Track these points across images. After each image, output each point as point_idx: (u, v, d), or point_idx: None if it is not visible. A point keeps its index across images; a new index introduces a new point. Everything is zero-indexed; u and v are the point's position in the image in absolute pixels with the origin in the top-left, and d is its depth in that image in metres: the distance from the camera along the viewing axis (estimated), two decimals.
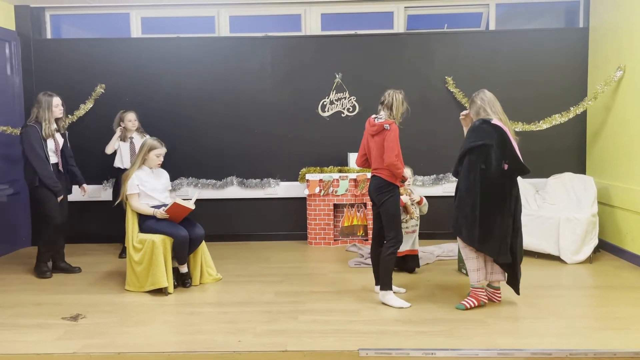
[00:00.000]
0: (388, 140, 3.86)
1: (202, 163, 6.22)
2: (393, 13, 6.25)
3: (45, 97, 4.75)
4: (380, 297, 3.99)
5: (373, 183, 4.03)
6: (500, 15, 6.25)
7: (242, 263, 5.29)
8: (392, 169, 3.88)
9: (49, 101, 4.73)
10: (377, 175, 4.00)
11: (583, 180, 5.48)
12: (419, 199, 4.77)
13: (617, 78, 5.27)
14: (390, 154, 3.84)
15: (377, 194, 3.97)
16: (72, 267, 5.02)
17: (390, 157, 3.84)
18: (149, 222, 4.42)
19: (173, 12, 6.30)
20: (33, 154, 4.66)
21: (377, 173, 3.99)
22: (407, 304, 3.91)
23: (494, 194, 3.68)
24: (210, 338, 3.41)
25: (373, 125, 3.99)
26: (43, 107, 4.72)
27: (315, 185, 5.88)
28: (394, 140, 3.87)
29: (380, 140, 3.92)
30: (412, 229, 4.73)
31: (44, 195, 4.74)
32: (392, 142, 3.86)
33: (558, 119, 5.66)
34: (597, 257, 5.25)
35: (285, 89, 6.17)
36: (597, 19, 5.80)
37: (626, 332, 3.40)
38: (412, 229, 4.74)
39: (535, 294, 4.16)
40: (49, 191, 4.74)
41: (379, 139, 3.93)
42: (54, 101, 4.77)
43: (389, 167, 3.87)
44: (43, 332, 3.56)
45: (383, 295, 3.97)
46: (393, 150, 3.84)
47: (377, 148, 3.96)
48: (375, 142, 3.97)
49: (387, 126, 3.88)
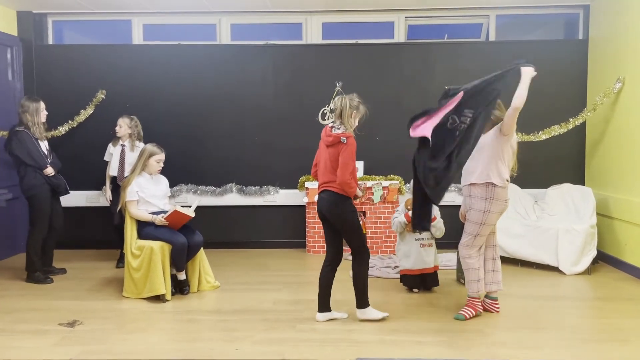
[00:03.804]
0: (344, 156, 3.51)
1: (201, 170, 6.23)
2: (394, 23, 6.28)
3: (32, 102, 4.82)
4: (360, 316, 3.78)
5: (325, 199, 3.65)
6: (500, 26, 6.29)
7: (241, 271, 5.28)
8: (344, 187, 3.54)
9: (36, 106, 4.82)
10: (329, 190, 3.63)
11: (582, 192, 5.49)
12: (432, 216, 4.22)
13: (616, 90, 5.29)
14: (345, 172, 3.50)
15: (333, 211, 3.64)
16: (57, 270, 5.10)
17: (344, 175, 3.50)
18: (148, 228, 4.42)
19: (175, 19, 6.33)
20: (31, 159, 4.71)
21: (329, 187, 3.62)
22: (385, 313, 3.81)
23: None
24: (208, 346, 3.39)
25: (329, 136, 3.60)
26: (31, 111, 4.78)
27: (315, 194, 5.86)
28: (350, 156, 3.52)
29: (334, 153, 3.56)
30: (427, 242, 4.43)
31: (40, 200, 4.78)
32: (348, 157, 3.51)
33: (557, 130, 5.67)
34: (596, 268, 5.25)
35: (286, 97, 6.19)
36: (597, 31, 5.84)
37: (625, 344, 3.39)
38: (428, 242, 4.43)
39: (533, 305, 4.16)
40: (47, 195, 4.79)
41: (334, 152, 3.57)
42: (41, 105, 4.86)
43: (342, 185, 3.53)
44: (40, 338, 3.54)
45: (362, 312, 3.77)
46: (348, 167, 3.50)
47: (330, 160, 3.59)
48: (330, 153, 3.60)
49: (343, 139, 3.52)
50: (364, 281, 3.75)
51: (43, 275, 4.86)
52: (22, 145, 4.71)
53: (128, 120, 5.35)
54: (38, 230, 4.83)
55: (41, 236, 4.85)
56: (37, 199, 4.79)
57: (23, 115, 4.79)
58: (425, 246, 4.42)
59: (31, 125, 4.78)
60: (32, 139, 4.75)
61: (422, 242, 4.41)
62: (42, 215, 4.81)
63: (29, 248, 4.85)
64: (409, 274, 4.47)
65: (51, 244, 5.04)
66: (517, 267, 5.30)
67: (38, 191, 4.77)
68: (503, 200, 3.76)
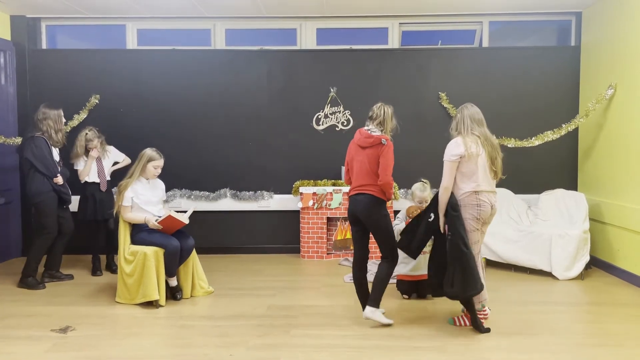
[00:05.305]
0: (386, 157, 3.64)
1: (195, 175, 6.22)
2: (388, 29, 6.31)
3: (53, 110, 4.85)
4: (369, 314, 3.77)
5: (362, 201, 3.71)
6: (493, 32, 6.33)
7: (235, 276, 5.26)
8: (387, 188, 3.65)
9: (58, 113, 4.88)
10: (366, 193, 3.70)
11: (575, 197, 5.52)
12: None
13: (609, 96, 5.33)
14: (388, 173, 3.63)
15: (369, 214, 3.69)
16: (64, 275, 5.10)
17: (388, 176, 3.62)
18: (141, 234, 4.40)
19: (169, 24, 6.33)
20: (44, 166, 4.72)
21: (366, 190, 3.70)
22: (391, 320, 3.83)
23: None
24: (202, 352, 3.38)
25: (368, 137, 3.71)
26: (54, 118, 4.83)
27: (309, 199, 5.88)
28: (392, 158, 3.67)
29: (374, 155, 3.68)
30: (427, 248, 4.26)
31: (47, 207, 4.79)
32: (390, 159, 3.66)
33: (550, 136, 5.71)
34: (589, 273, 5.28)
35: (280, 102, 6.20)
36: (589, 38, 5.89)
37: (618, 349, 3.41)
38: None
39: (527, 310, 4.17)
40: (53, 202, 4.81)
41: (372, 153, 3.68)
42: (61, 112, 4.93)
43: (384, 186, 3.64)
44: (32, 344, 3.51)
45: (373, 312, 3.77)
46: (390, 168, 3.64)
47: (369, 163, 3.69)
48: (367, 155, 3.70)
49: (384, 141, 3.65)
50: (385, 283, 3.80)
51: (36, 281, 4.83)
52: (38, 152, 4.71)
53: (93, 133, 5.20)
54: (44, 237, 4.82)
55: (46, 244, 4.85)
56: (44, 206, 4.78)
57: (44, 122, 4.79)
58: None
59: (53, 132, 4.81)
60: (49, 146, 4.78)
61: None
62: (48, 222, 4.80)
63: (30, 253, 4.83)
64: (405, 279, 4.48)
65: (60, 249, 5.04)
66: (511, 272, 5.32)
67: (45, 198, 4.77)
68: (473, 205, 3.64)
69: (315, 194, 5.88)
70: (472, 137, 3.65)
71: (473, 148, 3.60)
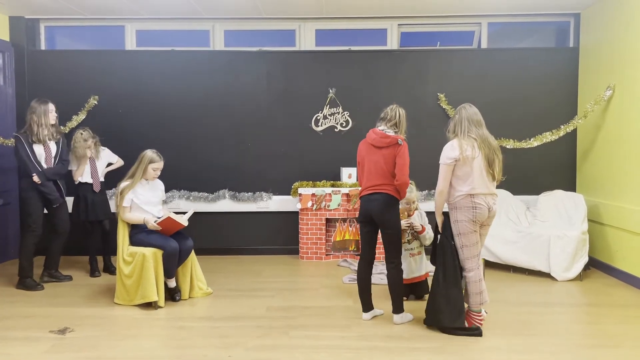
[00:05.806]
0: (403, 157, 3.69)
1: (194, 176, 6.21)
2: (387, 30, 6.32)
3: (39, 104, 4.79)
4: (399, 319, 3.86)
5: (378, 200, 3.73)
6: (492, 34, 6.34)
7: (233, 277, 5.26)
8: (403, 188, 3.70)
9: (44, 108, 4.79)
10: (383, 192, 3.73)
11: (573, 198, 5.53)
12: (420, 228, 4.32)
13: (607, 97, 5.34)
14: (405, 172, 3.67)
15: (384, 213, 3.73)
16: (63, 276, 5.08)
17: (405, 176, 3.66)
18: (140, 235, 4.40)
19: (168, 25, 6.33)
20: (22, 164, 4.71)
21: (383, 189, 3.72)
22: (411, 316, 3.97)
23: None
24: (201, 353, 3.38)
25: (384, 137, 3.74)
26: (38, 113, 4.76)
27: (308, 200, 5.88)
28: (408, 158, 3.71)
29: (390, 155, 3.72)
30: (417, 250, 4.40)
31: (31, 204, 4.76)
32: (407, 158, 3.70)
33: (549, 137, 5.72)
34: (587, 274, 5.28)
35: (279, 103, 6.20)
36: (588, 39, 5.90)
37: (617, 350, 3.41)
38: (417, 250, 4.40)
39: (525, 311, 4.17)
40: (37, 201, 4.75)
41: (388, 153, 3.72)
42: (50, 107, 4.83)
43: (401, 185, 3.68)
44: (31, 345, 3.51)
45: (401, 317, 3.87)
46: (407, 168, 3.68)
47: (385, 162, 3.73)
48: (383, 155, 3.73)
49: (400, 141, 3.71)
50: (402, 287, 3.89)
51: (34, 282, 4.82)
52: (15, 150, 4.74)
53: (87, 134, 5.20)
54: (29, 235, 4.80)
55: (32, 242, 4.81)
56: (26, 204, 4.78)
57: (28, 116, 4.78)
58: (414, 255, 4.39)
59: (36, 126, 4.75)
60: (25, 144, 4.72)
61: (410, 251, 4.38)
62: (31, 221, 4.77)
63: (20, 253, 4.82)
64: None
65: (57, 249, 5.02)
66: (509, 273, 5.32)
67: (28, 195, 4.76)
68: (469, 207, 3.64)
69: (314, 195, 5.88)
70: (468, 139, 3.64)
71: (468, 151, 3.60)
